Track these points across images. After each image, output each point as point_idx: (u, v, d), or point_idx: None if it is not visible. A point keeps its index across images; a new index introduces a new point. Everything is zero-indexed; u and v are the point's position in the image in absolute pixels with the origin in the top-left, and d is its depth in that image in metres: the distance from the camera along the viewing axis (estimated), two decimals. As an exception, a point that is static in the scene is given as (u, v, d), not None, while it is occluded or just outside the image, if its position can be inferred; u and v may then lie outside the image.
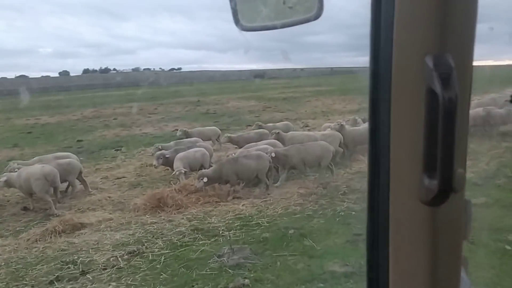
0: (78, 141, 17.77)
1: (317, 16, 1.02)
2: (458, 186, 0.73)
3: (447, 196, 0.74)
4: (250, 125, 18.52)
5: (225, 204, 8.50)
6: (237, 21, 1.09)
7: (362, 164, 10.67)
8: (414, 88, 0.74)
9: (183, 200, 8.47)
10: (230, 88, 47.34)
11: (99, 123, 23.70)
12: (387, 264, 0.88)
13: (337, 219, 7.39)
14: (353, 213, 7.58)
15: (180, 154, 9.79)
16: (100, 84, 68.15)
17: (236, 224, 7.43)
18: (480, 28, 0.77)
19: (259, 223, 7.42)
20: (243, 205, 8.39)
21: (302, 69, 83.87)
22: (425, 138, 0.74)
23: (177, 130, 19.75)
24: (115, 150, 15.32)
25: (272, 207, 8.21)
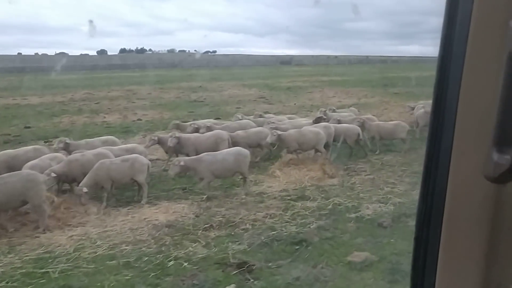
0: (25, 127, 16.49)
1: None
2: None
3: None
4: (218, 118, 16.64)
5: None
6: None
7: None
8: (494, 54, 0.71)
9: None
10: (246, 74, 45.07)
11: (75, 107, 22.47)
12: (437, 243, 0.83)
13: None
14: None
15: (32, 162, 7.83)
16: (134, 64, 68.32)
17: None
18: None
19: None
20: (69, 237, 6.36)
21: (336, 57, 79.53)
22: (501, 109, 0.66)
23: (140, 120, 18.34)
24: (45, 142, 13.77)
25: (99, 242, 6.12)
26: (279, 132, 9.46)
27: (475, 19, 0.73)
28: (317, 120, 11.40)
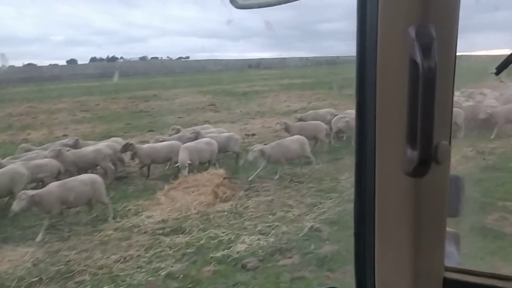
0: None
1: None
2: (441, 158, 0.74)
3: (428, 166, 0.74)
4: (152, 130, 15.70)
5: None
6: None
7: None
8: (399, 59, 0.75)
9: None
10: (209, 79, 43.81)
11: (6, 123, 20.89)
12: (373, 236, 0.89)
13: None
14: None
15: None
16: (103, 72, 66.13)
17: None
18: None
19: None
20: None
21: (307, 58, 79.08)
22: (407, 109, 0.73)
23: (65, 135, 16.92)
24: None
25: None
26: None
27: (381, 26, 0.76)
28: (124, 149, 9.52)
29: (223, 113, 20.70)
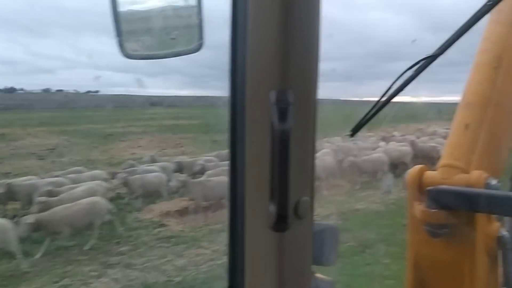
0: None
1: (198, 48, 1.04)
2: (302, 213, 0.79)
3: (286, 221, 0.78)
4: None
5: None
6: (121, 48, 1.06)
7: None
8: (262, 122, 0.79)
9: None
10: (90, 117, 39.42)
11: None
12: None
13: None
14: None
15: None
16: None
17: None
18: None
19: None
20: None
21: (219, 98, 77.81)
22: (269, 168, 0.77)
23: None
24: None
25: None
26: None
27: (248, 90, 0.79)
28: None
29: (47, 161, 16.76)
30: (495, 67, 1.53)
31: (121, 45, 1.06)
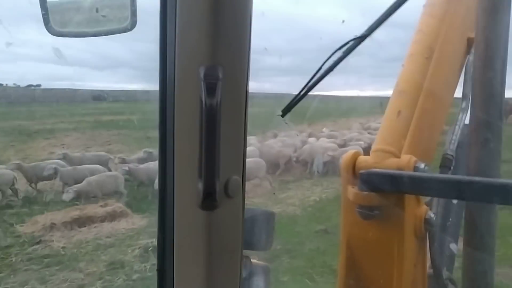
0: None
1: (132, 27, 0.99)
2: (232, 192, 0.78)
3: (214, 200, 0.76)
4: None
5: None
6: (47, 24, 1.00)
7: None
8: (191, 98, 0.76)
9: None
10: (23, 112, 36.52)
11: None
12: (172, 272, 0.89)
13: None
14: None
15: None
16: None
17: None
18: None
19: None
20: None
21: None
22: (198, 145, 0.75)
23: None
24: None
25: None
26: None
27: (178, 64, 0.76)
28: None
29: None
30: (427, 57, 1.59)
31: (46, 21, 1.00)
